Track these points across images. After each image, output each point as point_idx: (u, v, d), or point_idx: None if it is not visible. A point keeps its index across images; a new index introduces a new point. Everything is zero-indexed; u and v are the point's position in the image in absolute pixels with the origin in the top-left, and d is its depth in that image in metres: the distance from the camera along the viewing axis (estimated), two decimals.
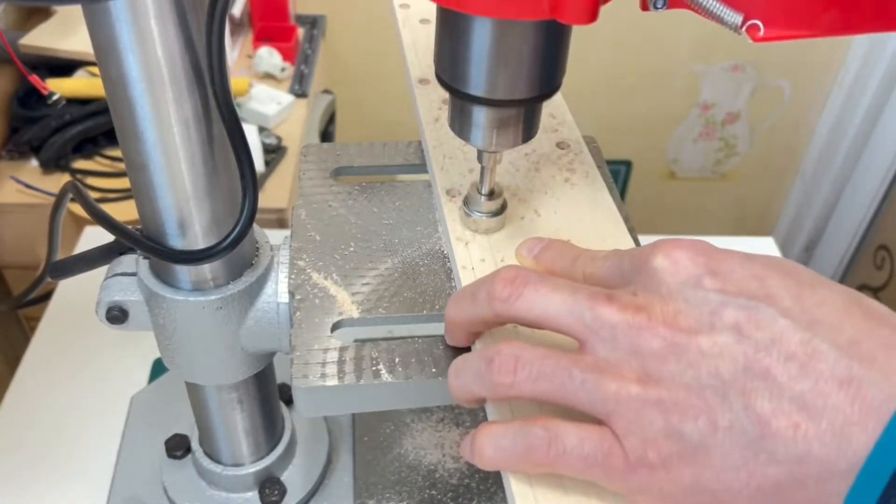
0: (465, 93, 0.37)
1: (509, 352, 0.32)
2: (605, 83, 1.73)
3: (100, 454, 0.63)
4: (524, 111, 0.39)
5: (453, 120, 0.40)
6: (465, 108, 0.39)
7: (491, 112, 0.38)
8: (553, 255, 0.39)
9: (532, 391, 0.32)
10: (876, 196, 1.67)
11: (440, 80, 0.38)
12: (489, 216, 0.45)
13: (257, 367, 0.48)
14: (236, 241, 0.40)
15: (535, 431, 0.31)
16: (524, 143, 0.40)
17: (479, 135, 0.39)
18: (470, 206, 0.45)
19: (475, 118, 0.39)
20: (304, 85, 1.38)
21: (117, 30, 0.33)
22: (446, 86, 0.38)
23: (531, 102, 0.38)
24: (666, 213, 1.99)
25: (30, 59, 1.21)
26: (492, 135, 0.39)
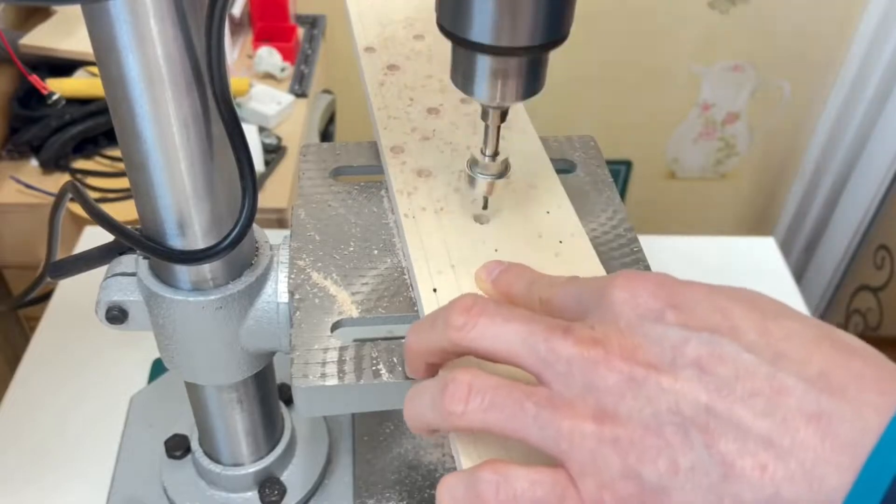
0: (469, 40, 0.35)
1: (463, 378, 0.31)
2: (605, 83, 1.73)
3: (100, 454, 0.63)
4: (529, 61, 0.37)
5: (455, 72, 0.38)
6: (468, 59, 0.37)
7: (495, 61, 0.36)
8: (510, 278, 0.38)
9: (483, 421, 0.30)
10: (876, 196, 1.67)
11: (442, 28, 0.36)
12: (493, 177, 0.43)
13: (257, 366, 0.48)
14: (236, 241, 0.40)
15: (484, 476, 0.30)
16: (530, 96, 0.38)
17: (482, 87, 0.37)
18: (474, 168, 0.43)
19: (478, 69, 0.37)
20: (304, 85, 1.38)
21: (117, 30, 0.33)
22: (448, 33, 0.36)
23: (537, 51, 0.36)
24: (666, 213, 1.99)
25: (30, 59, 1.21)
26: (496, 87, 0.37)
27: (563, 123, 1.77)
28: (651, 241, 0.62)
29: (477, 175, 0.43)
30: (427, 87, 0.55)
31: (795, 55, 1.72)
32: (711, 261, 0.86)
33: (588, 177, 0.53)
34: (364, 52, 0.57)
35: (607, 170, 0.53)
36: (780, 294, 0.30)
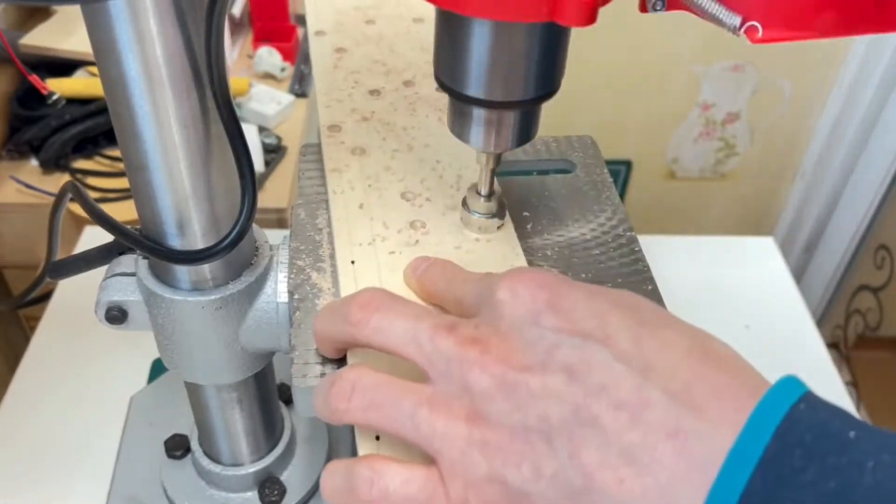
0: (464, 94, 0.37)
1: (348, 377, 0.31)
2: (604, 83, 1.73)
3: (100, 454, 0.63)
4: (522, 113, 0.39)
5: (452, 121, 0.40)
6: (464, 110, 0.39)
7: (489, 113, 0.38)
8: (433, 275, 0.38)
9: (364, 419, 0.31)
10: (876, 196, 1.67)
11: (439, 81, 0.38)
12: (488, 217, 0.45)
13: (257, 366, 0.48)
14: (236, 242, 0.40)
15: (360, 471, 0.30)
16: (523, 144, 0.40)
17: (478, 136, 0.39)
18: (469, 206, 0.45)
19: (474, 119, 0.39)
20: (304, 85, 1.38)
21: (116, 30, 0.33)
22: (445, 87, 0.38)
23: (530, 104, 0.38)
24: (666, 213, 1.99)
25: (30, 59, 1.21)
26: (490, 135, 0.39)
27: (563, 123, 1.76)
28: (651, 241, 0.62)
29: (472, 213, 0.45)
30: (372, 71, 0.56)
31: (795, 55, 1.72)
32: (711, 261, 0.86)
33: (587, 177, 0.53)
34: (315, 36, 0.58)
35: (607, 170, 0.53)
36: (780, 294, 0.30)
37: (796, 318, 0.81)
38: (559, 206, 0.50)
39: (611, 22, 1.61)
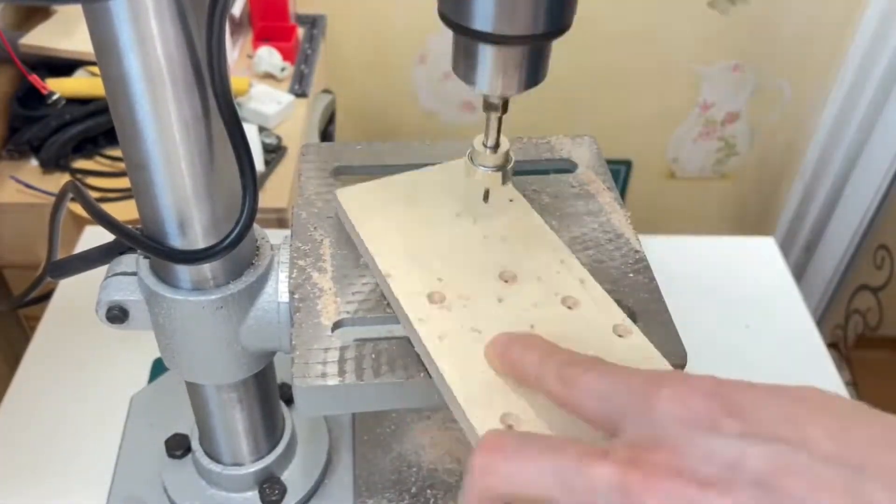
0: (470, 28, 0.35)
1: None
2: (605, 83, 1.73)
3: (100, 454, 0.63)
4: (531, 51, 0.37)
5: (457, 61, 0.38)
6: (470, 49, 0.37)
7: (497, 51, 0.36)
8: (518, 350, 0.34)
9: None
10: (876, 196, 1.67)
11: (442, 16, 0.36)
12: (493, 169, 0.43)
13: (257, 366, 0.48)
14: (237, 241, 0.40)
15: None
16: (531, 87, 0.38)
17: (484, 77, 0.37)
18: (474, 159, 0.43)
19: (480, 59, 0.37)
20: (304, 85, 1.38)
21: (117, 29, 0.33)
22: (449, 22, 0.36)
23: (539, 40, 0.36)
24: (666, 213, 1.99)
25: (30, 59, 1.21)
26: (498, 77, 0.37)
27: (563, 123, 1.76)
28: (651, 241, 0.62)
29: (478, 166, 0.43)
30: None
31: (795, 55, 1.72)
32: (711, 261, 0.86)
33: (588, 176, 0.53)
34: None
35: (607, 170, 0.53)
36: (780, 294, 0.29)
37: (796, 318, 0.81)
38: (560, 206, 0.50)
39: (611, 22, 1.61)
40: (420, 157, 0.53)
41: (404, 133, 1.78)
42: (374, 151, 0.54)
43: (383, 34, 1.66)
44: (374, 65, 1.70)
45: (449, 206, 0.48)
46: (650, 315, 0.43)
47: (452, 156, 0.53)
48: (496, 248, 0.45)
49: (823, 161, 1.81)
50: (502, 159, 0.43)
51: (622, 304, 0.43)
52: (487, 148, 0.43)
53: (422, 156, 0.53)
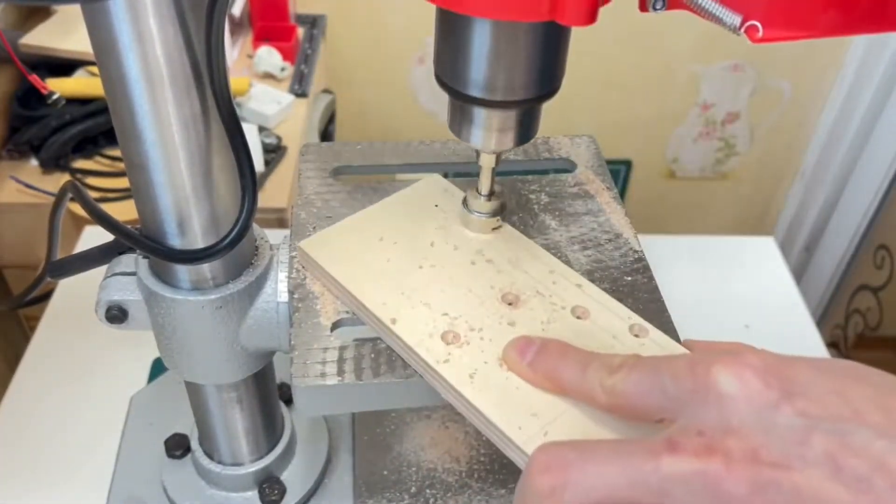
0: (465, 94, 0.37)
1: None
2: (605, 83, 1.73)
3: (100, 454, 0.63)
4: (523, 112, 0.39)
5: (452, 121, 0.40)
6: (465, 109, 0.39)
7: (490, 113, 0.38)
8: (553, 361, 0.34)
9: None
10: (876, 196, 1.67)
11: (439, 80, 0.38)
12: (488, 216, 0.45)
13: (257, 366, 0.48)
14: (236, 241, 0.40)
15: None
16: (523, 143, 0.40)
17: (478, 135, 0.39)
18: (469, 206, 0.45)
19: (475, 119, 0.39)
20: (304, 84, 1.38)
21: (116, 29, 0.33)
22: (446, 87, 0.38)
23: (530, 103, 0.38)
24: (666, 212, 1.99)
25: (30, 59, 1.21)
26: (491, 135, 0.39)
27: (563, 123, 1.76)
28: (651, 241, 0.62)
29: (473, 213, 0.45)
30: None
31: (795, 55, 1.72)
32: (711, 261, 0.86)
33: (588, 176, 0.53)
34: None
35: (607, 169, 0.53)
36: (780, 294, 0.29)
37: (796, 317, 0.81)
38: (559, 206, 0.50)
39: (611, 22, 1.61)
40: (420, 157, 0.53)
41: (404, 133, 1.77)
42: (374, 151, 0.54)
43: (383, 34, 1.66)
44: (374, 65, 1.70)
45: (422, 237, 0.45)
46: (650, 315, 0.43)
47: (451, 156, 0.53)
48: (486, 271, 0.43)
49: (823, 161, 1.81)
50: (497, 207, 0.45)
51: (622, 304, 0.43)
52: (482, 196, 0.44)
53: (421, 156, 0.53)
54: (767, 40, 0.30)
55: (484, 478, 0.59)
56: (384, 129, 1.78)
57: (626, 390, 0.30)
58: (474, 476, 0.59)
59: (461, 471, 0.59)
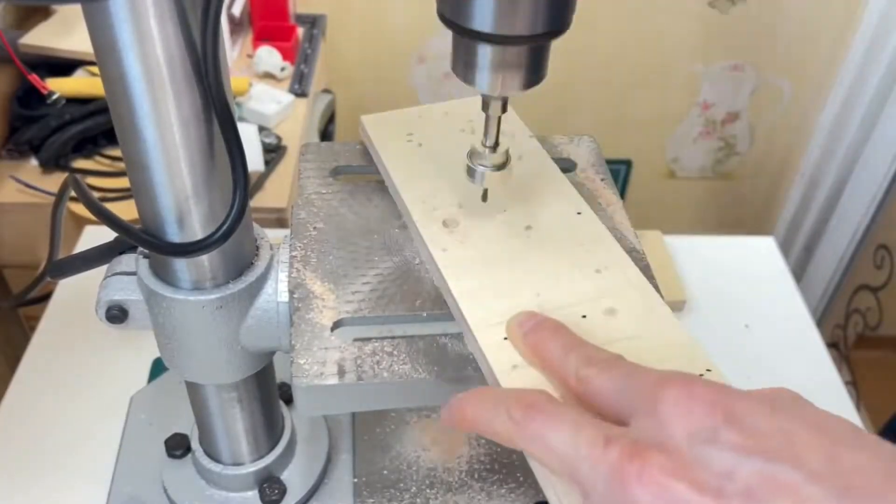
0: (470, 29, 0.35)
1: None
2: (605, 82, 1.73)
3: (100, 454, 0.63)
4: (531, 51, 0.37)
5: (456, 62, 0.38)
6: (470, 48, 0.37)
7: (496, 51, 0.36)
8: (544, 337, 0.36)
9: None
10: (876, 196, 1.67)
11: (442, 17, 0.36)
12: (493, 169, 0.43)
13: (257, 366, 0.48)
14: (228, 234, 0.39)
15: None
16: (532, 86, 0.38)
17: (484, 77, 0.37)
18: (474, 159, 0.43)
19: (480, 58, 0.37)
20: (303, 84, 1.38)
21: (117, 29, 0.33)
22: (449, 22, 0.36)
23: (539, 40, 0.36)
24: (666, 212, 1.99)
25: (29, 59, 1.21)
26: (498, 77, 0.37)
27: (563, 123, 1.76)
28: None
29: (477, 166, 0.43)
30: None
31: (795, 55, 1.72)
32: (711, 261, 0.86)
33: (588, 176, 0.53)
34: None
35: (607, 169, 0.53)
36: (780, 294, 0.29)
37: (796, 317, 0.81)
38: None
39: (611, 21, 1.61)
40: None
41: None
42: None
43: (383, 34, 1.66)
44: (373, 65, 1.70)
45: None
46: None
47: None
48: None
49: (823, 161, 1.81)
50: (502, 158, 0.43)
51: None
52: (487, 147, 0.43)
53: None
54: None
55: (484, 477, 0.59)
56: None
57: (595, 385, 0.32)
58: (474, 476, 0.59)
59: (461, 471, 0.59)
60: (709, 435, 0.27)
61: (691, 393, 0.28)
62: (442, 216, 0.46)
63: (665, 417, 0.28)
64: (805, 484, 0.24)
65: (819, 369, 0.76)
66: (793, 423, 0.27)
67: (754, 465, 0.25)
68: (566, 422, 0.30)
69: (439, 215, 0.47)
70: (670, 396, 0.28)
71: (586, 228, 0.46)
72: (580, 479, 0.28)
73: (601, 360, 0.33)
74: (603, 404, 0.31)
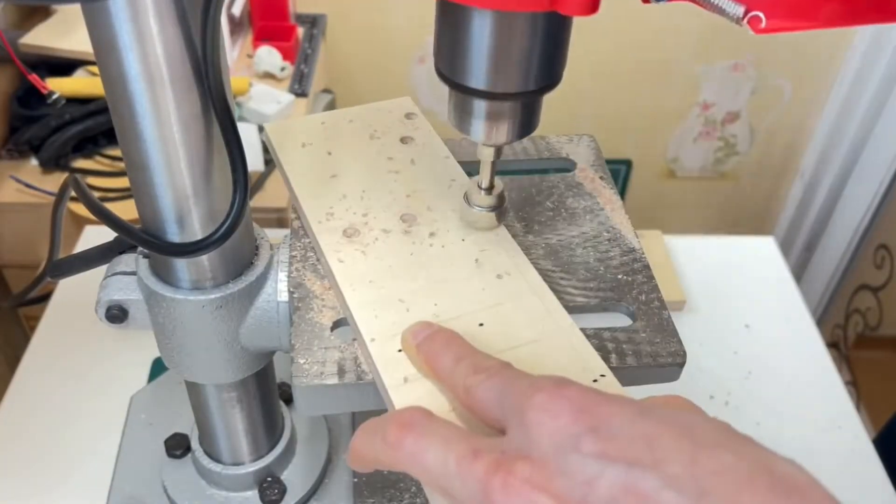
0: (465, 86, 0.36)
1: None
2: (605, 82, 1.73)
3: (100, 454, 0.63)
4: (524, 104, 0.38)
5: (453, 114, 0.40)
6: (465, 102, 0.38)
7: (490, 105, 0.38)
8: (437, 348, 0.36)
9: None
10: (876, 196, 1.67)
11: (439, 73, 0.38)
12: (488, 210, 0.45)
13: (257, 365, 0.48)
14: (228, 233, 0.39)
15: None
16: (524, 136, 0.40)
17: (478, 128, 0.39)
18: (470, 200, 0.45)
19: (475, 111, 0.38)
20: (303, 84, 1.38)
21: (117, 28, 0.33)
22: (445, 79, 0.37)
23: (531, 96, 0.37)
24: (666, 212, 1.99)
25: (29, 59, 1.21)
26: (491, 128, 0.39)
27: (563, 122, 1.76)
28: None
29: (473, 207, 0.45)
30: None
31: (795, 55, 1.72)
32: (711, 261, 0.86)
33: (588, 175, 0.53)
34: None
35: (607, 169, 0.53)
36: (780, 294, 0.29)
37: (796, 317, 0.81)
38: (559, 205, 0.50)
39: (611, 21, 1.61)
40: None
41: None
42: None
43: (383, 34, 1.66)
44: (374, 65, 1.70)
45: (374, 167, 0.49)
46: (650, 315, 0.43)
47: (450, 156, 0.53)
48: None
49: (823, 161, 1.81)
50: (497, 200, 0.44)
51: (621, 304, 0.43)
52: (482, 189, 0.44)
53: None
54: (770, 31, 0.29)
55: None
56: None
57: (478, 395, 0.32)
58: None
59: None
60: (573, 442, 0.27)
61: (558, 399, 0.28)
62: (342, 226, 0.45)
63: (532, 425, 0.28)
64: (662, 489, 0.25)
65: (819, 369, 0.76)
66: (657, 428, 0.27)
67: (616, 472, 0.25)
68: (437, 438, 0.30)
69: (340, 225, 0.45)
70: (538, 403, 0.28)
71: (489, 233, 0.46)
72: (454, 494, 0.28)
73: (486, 368, 0.32)
74: (486, 414, 0.31)
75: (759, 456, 0.26)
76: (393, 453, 0.31)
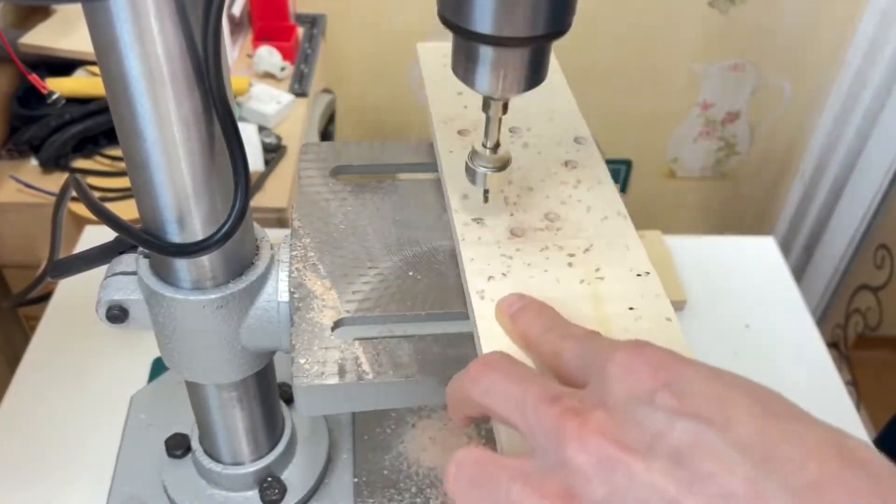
0: (470, 30, 0.35)
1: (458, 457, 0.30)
2: (605, 82, 1.73)
3: (100, 454, 0.63)
4: (532, 52, 0.37)
5: (457, 63, 0.38)
6: (470, 50, 0.37)
7: (497, 52, 0.36)
8: (529, 318, 0.37)
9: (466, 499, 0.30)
10: (876, 196, 1.67)
11: (443, 19, 0.36)
12: (494, 170, 0.43)
13: (257, 365, 0.48)
14: (229, 234, 0.39)
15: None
16: (532, 88, 0.38)
17: (484, 79, 0.37)
18: (475, 161, 0.43)
19: (481, 60, 0.37)
20: (303, 84, 1.38)
21: (117, 28, 0.33)
22: (449, 24, 0.36)
23: (539, 41, 0.35)
24: (666, 212, 1.99)
25: (29, 59, 1.21)
26: (498, 78, 0.37)
27: None
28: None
29: (478, 167, 0.43)
30: None
31: (795, 55, 1.72)
32: (711, 261, 0.86)
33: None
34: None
35: (607, 169, 0.53)
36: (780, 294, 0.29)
37: (796, 317, 0.81)
38: None
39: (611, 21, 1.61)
40: (420, 156, 0.53)
41: (404, 132, 1.77)
42: (374, 150, 0.54)
43: (383, 34, 1.66)
44: (374, 65, 1.70)
45: None
46: None
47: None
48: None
49: (823, 161, 1.81)
50: (503, 160, 0.43)
51: None
52: (487, 149, 0.42)
53: (422, 155, 0.53)
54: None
55: None
56: (384, 129, 1.78)
57: (565, 357, 0.33)
58: None
59: None
60: (648, 396, 0.27)
61: (638, 356, 0.29)
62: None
63: (611, 378, 0.29)
64: (728, 447, 0.25)
65: (819, 369, 0.76)
66: (730, 391, 0.27)
67: (685, 426, 0.26)
68: (516, 377, 0.31)
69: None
70: (618, 359, 0.29)
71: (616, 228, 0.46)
72: (525, 430, 0.30)
73: (574, 335, 0.34)
74: (571, 375, 0.33)
75: (829, 429, 0.26)
76: (472, 385, 0.32)
